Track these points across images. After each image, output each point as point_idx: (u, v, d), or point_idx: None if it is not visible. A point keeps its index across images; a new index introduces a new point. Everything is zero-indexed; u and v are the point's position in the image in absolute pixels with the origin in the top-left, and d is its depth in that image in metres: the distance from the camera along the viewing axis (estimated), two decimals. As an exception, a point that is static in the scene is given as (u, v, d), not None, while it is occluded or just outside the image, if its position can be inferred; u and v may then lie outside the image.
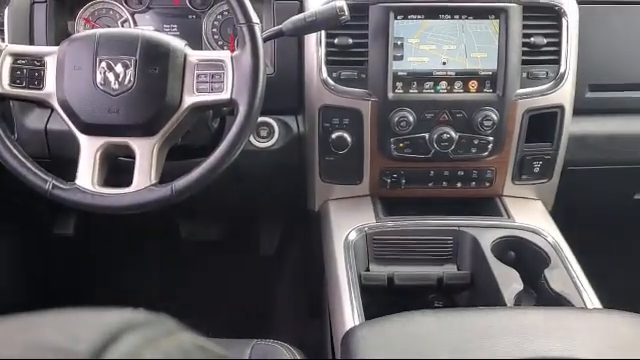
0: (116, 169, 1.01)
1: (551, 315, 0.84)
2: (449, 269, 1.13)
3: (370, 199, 1.25)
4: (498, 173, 1.24)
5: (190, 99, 0.96)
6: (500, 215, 1.21)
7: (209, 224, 1.75)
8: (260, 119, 1.15)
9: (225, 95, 0.95)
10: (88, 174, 0.97)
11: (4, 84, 0.98)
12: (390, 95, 1.15)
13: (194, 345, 0.36)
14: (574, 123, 1.23)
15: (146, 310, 0.35)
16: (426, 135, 1.18)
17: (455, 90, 1.16)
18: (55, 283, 1.71)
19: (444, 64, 1.16)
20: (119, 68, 0.95)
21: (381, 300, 1.06)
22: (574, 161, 1.27)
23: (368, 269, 1.13)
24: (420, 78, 1.16)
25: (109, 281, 1.72)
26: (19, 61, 0.98)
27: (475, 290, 1.11)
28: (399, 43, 1.14)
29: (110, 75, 0.95)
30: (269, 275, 1.74)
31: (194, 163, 0.96)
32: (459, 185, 1.25)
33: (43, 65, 0.98)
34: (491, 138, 1.18)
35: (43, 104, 1.02)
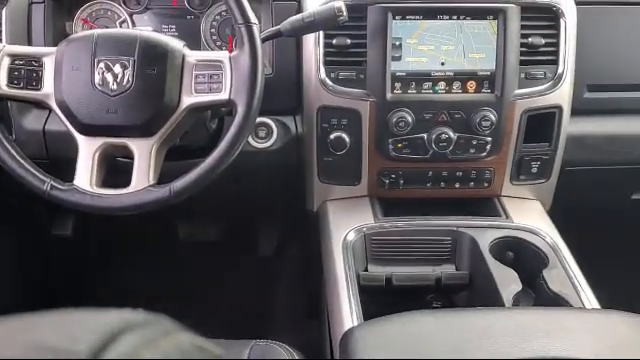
0: (114, 170, 1.00)
1: (549, 315, 0.84)
2: (447, 269, 1.13)
3: (368, 199, 1.25)
4: (496, 173, 1.24)
5: (188, 99, 0.96)
6: (498, 215, 1.21)
7: (207, 225, 1.75)
8: (258, 120, 1.15)
9: (223, 95, 0.95)
10: (86, 175, 0.97)
11: (2, 85, 0.97)
12: (388, 95, 1.15)
13: (193, 345, 0.36)
14: (572, 123, 1.23)
15: (145, 310, 0.35)
16: (424, 135, 1.18)
17: (453, 90, 1.17)
18: (53, 284, 1.70)
19: (442, 64, 1.16)
20: (117, 69, 0.94)
21: (379, 300, 1.06)
22: (572, 161, 1.27)
23: (366, 269, 1.13)
24: (418, 78, 1.16)
25: (107, 282, 1.72)
26: (17, 62, 0.98)
27: (473, 290, 1.11)
28: (397, 43, 1.15)
29: (108, 76, 0.94)
30: (268, 275, 1.74)
31: (192, 164, 0.96)
32: (457, 185, 1.25)
33: (41, 66, 0.98)
34: (489, 138, 1.18)
35: (41, 105, 1.02)
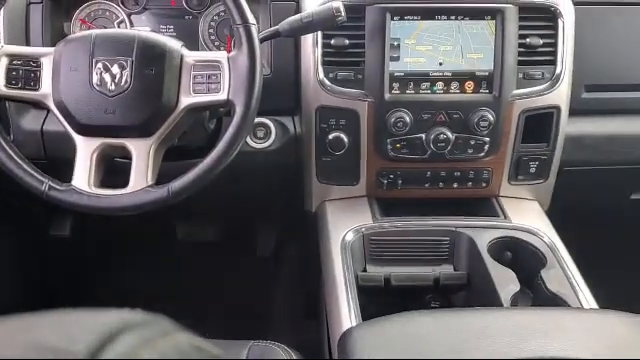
0: (112, 170, 1.00)
1: (547, 315, 0.85)
2: (446, 269, 1.13)
3: (367, 200, 1.25)
4: (494, 173, 1.24)
5: (187, 100, 0.96)
6: (496, 215, 1.21)
7: (206, 225, 1.75)
8: (257, 120, 1.15)
9: (222, 96, 0.95)
10: (84, 175, 0.97)
11: (0, 85, 0.98)
12: (387, 96, 1.15)
13: (191, 345, 0.36)
14: (570, 123, 1.23)
15: (143, 311, 0.35)
16: (423, 136, 1.18)
17: (451, 91, 1.17)
18: (52, 284, 1.70)
19: (440, 65, 1.16)
20: (115, 69, 0.94)
21: (378, 301, 1.06)
22: (570, 161, 1.27)
23: (365, 270, 1.13)
24: (417, 79, 1.16)
25: (106, 282, 1.72)
26: (15, 62, 0.98)
27: (472, 290, 1.11)
28: (395, 44, 1.15)
29: (106, 76, 0.94)
30: (266, 276, 1.74)
31: (191, 164, 0.96)
32: (455, 186, 1.25)
33: (39, 66, 0.98)
34: (487, 139, 1.18)
35: (39, 105, 1.02)
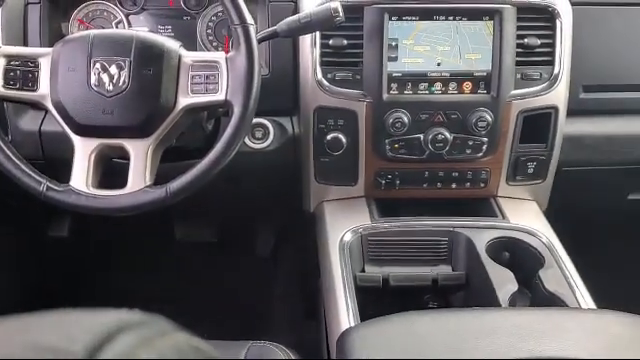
0: (110, 171, 1.00)
1: (545, 315, 0.85)
2: (444, 270, 1.13)
3: (365, 200, 1.25)
4: (492, 174, 1.24)
5: (185, 100, 0.96)
6: (495, 216, 1.22)
7: (204, 225, 1.75)
8: (255, 120, 1.15)
9: (220, 96, 0.95)
10: (82, 176, 0.96)
11: None
12: (385, 96, 1.16)
13: (189, 346, 0.36)
14: (568, 124, 1.23)
15: (141, 311, 0.35)
16: (421, 136, 1.18)
17: (449, 91, 1.17)
18: (50, 285, 1.70)
19: (438, 65, 1.16)
20: (113, 69, 0.94)
21: (376, 301, 1.06)
22: (568, 162, 1.27)
23: (363, 270, 1.13)
24: (415, 79, 1.16)
25: (104, 282, 1.72)
26: (13, 62, 0.98)
27: (470, 291, 1.11)
28: (394, 44, 1.15)
29: (104, 76, 0.94)
30: (264, 276, 1.74)
31: (189, 164, 0.96)
32: (454, 186, 1.25)
33: (37, 66, 0.98)
34: (485, 139, 1.18)
35: (37, 106, 1.01)
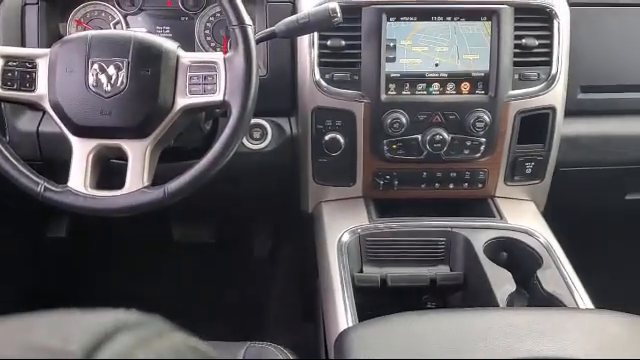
0: (108, 171, 1.00)
1: (543, 315, 0.85)
2: (442, 270, 1.13)
3: (363, 200, 1.25)
4: (490, 174, 1.25)
5: (183, 101, 0.96)
6: (492, 216, 1.22)
7: (202, 226, 1.75)
8: (253, 121, 1.15)
9: (218, 97, 0.95)
10: (80, 176, 0.96)
11: None
12: (383, 97, 1.16)
13: (187, 346, 0.36)
14: (566, 124, 1.23)
15: (139, 311, 0.35)
16: (419, 136, 1.18)
17: (447, 92, 1.17)
18: (48, 285, 1.70)
19: (436, 66, 1.16)
20: (111, 70, 0.94)
21: (374, 301, 1.06)
22: (566, 162, 1.27)
23: (361, 270, 1.13)
24: (413, 80, 1.16)
25: (102, 283, 1.72)
26: (10, 63, 0.98)
27: (468, 291, 1.11)
28: (392, 45, 1.15)
29: (102, 77, 0.94)
30: (262, 277, 1.74)
31: (187, 165, 0.96)
32: (452, 186, 1.25)
33: (35, 67, 0.98)
34: (483, 139, 1.18)
35: (35, 106, 1.01)
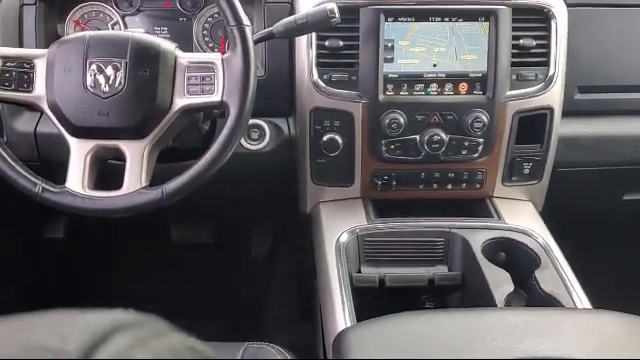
0: (106, 172, 1.00)
1: (541, 315, 0.85)
2: (440, 270, 1.13)
3: (361, 201, 1.25)
4: (488, 174, 1.25)
5: (181, 101, 0.96)
6: (490, 216, 1.22)
7: (200, 226, 1.75)
8: (251, 121, 1.15)
9: (216, 97, 0.95)
10: (78, 177, 0.96)
11: None
12: (381, 97, 1.16)
13: (185, 346, 0.36)
14: (563, 124, 1.23)
15: (137, 311, 0.35)
16: (417, 137, 1.18)
17: (445, 92, 1.17)
18: (46, 286, 1.70)
19: (434, 66, 1.16)
20: (109, 70, 0.94)
21: (373, 301, 1.06)
22: (564, 162, 1.28)
23: (359, 271, 1.13)
24: (411, 80, 1.16)
25: (100, 284, 1.71)
26: (8, 64, 0.97)
27: (466, 291, 1.11)
28: (389, 45, 1.15)
29: (100, 77, 0.94)
30: (261, 277, 1.74)
31: (185, 166, 0.96)
32: (450, 187, 1.25)
33: (32, 68, 0.97)
34: (481, 140, 1.19)
35: (33, 107, 1.01)
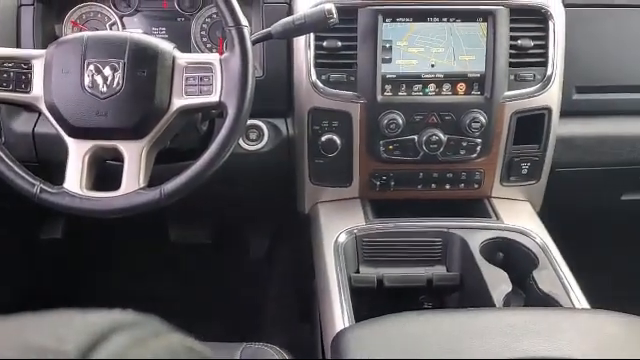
0: (104, 172, 1.00)
1: (539, 315, 0.85)
2: (438, 270, 1.13)
3: (360, 201, 1.26)
4: (486, 175, 1.25)
5: (179, 102, 0.96)
6: (489, 217, 1.22)
7: (198, 227, 1.75)
8: (249, 122, 1.15)
9: (214, 98, 0.95)
10: (76, 178, 0.96)
11: None
12: (379, 98, 1.16)
13: (183, 346, 0.36)
14: (561, 125, 1.24)
15: (134, 311, 0.35)
16: (415, 137, 1.18)
17: (443, 92, 1.17)
18: (43, 287, 1.69)
19: (432, 67, 1.16)
20: (107, 71, 0.94)
21: (371, 302, 1.06)
22: (562, 162, 1.28)
23: (358, 271, 1.13)
24: (409, 81, 1.16)
25: (98, 284, 1.71)
26: (6, 64, 0.97)
27: (464, 291, 1.11)
28: (388, 46, 1.15)
29: (98, 78, 0.94)
30: (259, 277, 1.74)
31: (183, 166, 0.96)
32: (448, 187, 1.25)
33: (30, 68, 0.97)
34: (479, 140, 1.19)
35: (31, 107, 1.01)
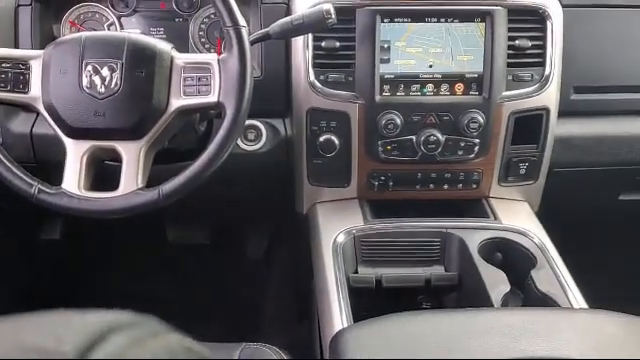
0: (102, 173, 1.00)
1: (538, 315, 0.85)
2: (437, 270, 1.14)
3: (358, 202, 1.26)
4: (484, 175, 1.25)
5: (177, 102, 0.96)
6: (487, 217, 1.22)
7: (196, 227, 1.74)
8: (248, 122, 1.15)
9: (212, 98, 0.95)
10: (74, 178, 0.96)
11: None
12: (377, 98, 1.16)
13: (181, 346, 0.36)
14: (559, 125, 1.24)
15: (133, 312, 0.35)
16: (413, 137, 1.18)
17: (442, 93, 1.17)
18: (42, 287, 1.69)
19: (430, 67, 1.16)
20: (105, 71, 0.94)
21: (369, 302, 1.06)
22: (560, 162, 1.28)
23: (356, 271, 1.13)
24: (407, 81, 1.17)
25: (96, 285, 1.71)
26: (4, 65, 0.97)
27: (463, 291, 1.11)
28: (386, 46, 1.15)
29: (96, 78, 0.94)
30: (257, 278, 1.73)
31: (181, 167, 0.96)
32: (446, 187, 1.25)
33: (28, 69, 0.97)
34: (477, 140, 1.19)
35: (28, 108, 1.01)
